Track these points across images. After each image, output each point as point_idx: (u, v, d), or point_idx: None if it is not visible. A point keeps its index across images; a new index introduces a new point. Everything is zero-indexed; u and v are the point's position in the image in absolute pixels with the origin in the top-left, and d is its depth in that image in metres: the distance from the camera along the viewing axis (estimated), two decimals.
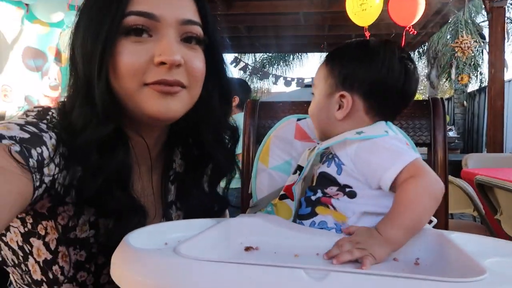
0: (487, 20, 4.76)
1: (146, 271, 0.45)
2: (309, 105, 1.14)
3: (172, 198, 0.82)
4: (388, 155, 0.71)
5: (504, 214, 2.11)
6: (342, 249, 0.60)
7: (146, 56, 0.63)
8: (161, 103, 0.64)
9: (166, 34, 0.63)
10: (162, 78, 0.63)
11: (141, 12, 0.62)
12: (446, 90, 15.62)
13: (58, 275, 0.68)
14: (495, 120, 4.56)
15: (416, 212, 0.66)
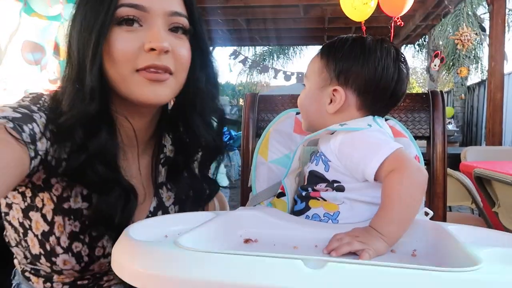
0: (488, 12, 4.74)
1: (147, 262, 0.46)
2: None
3: (163, 179, 0.88)
4: (368, 148, 0.72)
5: (501, 206, 2.12)
6: (342, 242, 0.61)
7: (137, 43, 0.69)
8: (150, 89, 0.71)
9: (155, 24, 0.69)
10: (153, 63, 0.69)
11: (132, 4, 0.68)
12: (446, 83, 15.59)
13: (55, 245, 0.74)
14: (494, 113, 4.56)
15: (405, 204, 0.66)
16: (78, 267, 0.77)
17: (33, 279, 0.81)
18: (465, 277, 0.40)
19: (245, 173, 1.12)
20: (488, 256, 0.47)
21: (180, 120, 0.85)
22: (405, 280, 0.40)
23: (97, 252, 0.78)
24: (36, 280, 0.81)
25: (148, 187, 0.86)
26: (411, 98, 1.13)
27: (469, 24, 8.12)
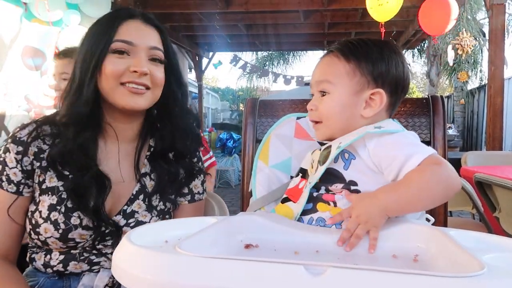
0: (487, 17, 4.75)
1: (147, 267, 0.45)
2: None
3: (147, 170, 1.07)
4: (410, 147, 0.74)
5: (502, 211, 2.11)
6: (349, 232, 0.66)
7: (125, 66, 0.95)
8: (131, 99, 0.97)
9: (139, 54, 0.97)
10: (133, 80, 0.96)
11: (124, 40, 0.96)
12: (446, 88, 15.61)
13: (38, 218, 0.96)
14: (495, 118, 4.55)
15: (422, 193, 0.68)
16: (57, 234, 0.95)
17: (36, 258, 1.00)
18: (468, 282, 0.40)
19: (246, 178, 1.12)
20: (491, 261, 0.47)
21: (162, 121, 1.08)
22: (407, 285, 0.39)
23: (73, 221, 0.95)
24: (38, 257, 1.00)
25: (132, 174, 1.06)
26: (411, 103, 1.13)
27: (469, 29, 8.15)
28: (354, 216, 0.68)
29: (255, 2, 6.21)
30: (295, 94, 9.54)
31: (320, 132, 0.87)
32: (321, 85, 0.85)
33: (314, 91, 0.87)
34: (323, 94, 0.84)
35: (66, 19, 3.44)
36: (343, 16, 6.97)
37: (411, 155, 0.71)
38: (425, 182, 0.68)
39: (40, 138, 0.98)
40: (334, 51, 0.86)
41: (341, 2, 6.04)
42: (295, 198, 0.85)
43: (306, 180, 0.87)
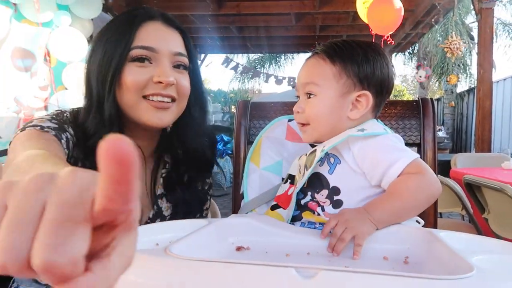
0: (476, 21, 4.82)
1: (138, 271, 0.45)
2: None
3: (162, 191, 0.98)
4: (393, 151, 0.75)
5: (491, 213, 2.13)
6: (336, 236, 0.66)
7: (147, 76, 0.84)
8: (156, 115, 0.85)
9: (162, 62, 0.85)
10: (159, 92, 0.84)
11: (144, 46, 0.84)
12: (436, 91, 15.77)
13: None
14: (484, 120, 4.61)
15: (408, 204, 0.70)
16: None
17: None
18: (458, 284, 0.40)
19: (237, 180, 1.12)
20: (481, 263, 0.47)
21: (178, 140, 0.96)
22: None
23: None
24: None
25: (146, 198, 0.96)
26: (402, 106, 1.14)
27: (458, 33, 8.24)
28: (341, 220, 0.68)
29: (247, 5, 6.22)
30: (287, 96, 9.56)
31: (307, 134, 0.86)
32: (307, 87, 0.84)
33: (300, 93, 0.86)
34: (309, 96, 0.84)
35: (56, 20, 3.41)
36: (335, 19, 7.01)
37: (395, 160, 0.72)
38: (411, 194, 0.70)
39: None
40: (320, 53, 0.85)
41: (333, 5, 6.07)
42: (284, 204, 0.85)
43: (294, 186, 0.87)
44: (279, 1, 6.11)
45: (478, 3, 4.59)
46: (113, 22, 0.90)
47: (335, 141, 0.78)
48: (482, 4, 4.55)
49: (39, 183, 0.27)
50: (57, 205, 0.25)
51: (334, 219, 0.69)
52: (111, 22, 0.90)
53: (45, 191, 0.26)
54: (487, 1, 4.53)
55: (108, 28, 0.89)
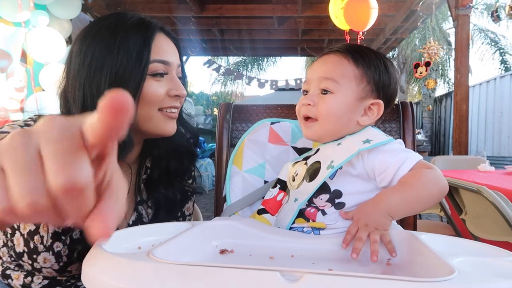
0: (453, 27, 4.94)
1: (120, 275, 0.44)
2: (283, 109, 1.16)
3: (145, 197, 0.97)
4: (400, 153, 0.76)
5: (468, 214, 2.18)
6: (362, 241, 0.65)
7: (164, 90, 0.86)
8: (170, 125, 0.89)
9: (174, 74, 0.88)
10: (174, 105, 0.88)
11: (162, 61, 0.85)
12: (415, 95, 16.10)
13: (38, 244, 0.83)
14: (461, 123, 4.73)
15: (421, 194, 0.71)
16: (56, 266, 0.84)
17: (13, 276, 0.88)
18: (440, 286, 0.40)
19: (220, 183, 1.11)
20: (461, 265, 0.48)
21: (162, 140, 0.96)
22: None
23: (75, 254, 0.85)
24: (16, 276, 0.88)
25: (129, 203, 0.95)
26: None
27: (435, 38, 8.44)
28: (362, 226, 0.67)
29: (229, 8, 6.23)
30: (270, 99, 9.59)
31: (311, 130, 0.83)
32: (325, 82, 0.80)
33: (313, 87, 0.83)
34: (325, 92, 0.81)
35: (33, 20, 3.33)
36: (317, 23, 7.09)
37: (404, 159, 0.74)
38: (423, 184, 0.71)
39: None
40: (343, 52, 0.83)
41: (315, 9, 6.14)
42: (272, 210, 0.84)
43: (285, 193, 0.86)
44: (262, 5, 6.14)
45: (455, 10, 4.72)
46: (113, 28, 0.82)
47: (344, 156, 0.75)
48: (458, 11, 4.67)
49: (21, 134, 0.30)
50: (51, 141, 0.29)
51: (354, 226, 0.68)
52: (110, 28, 0.83)
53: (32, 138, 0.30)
54: (464, 8, 4.66)
55: (110, 35, 0.81)
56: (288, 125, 1.05)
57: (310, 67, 0.88)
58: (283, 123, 1.06)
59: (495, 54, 12.41)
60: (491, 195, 1.81)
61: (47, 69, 3.35)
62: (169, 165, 0.98)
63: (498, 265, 0.51)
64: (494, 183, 2.19)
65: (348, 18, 3.89)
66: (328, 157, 0.78)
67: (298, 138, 1.03)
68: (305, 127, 0.85)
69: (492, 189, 1.85)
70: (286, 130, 1.04)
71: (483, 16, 12.35)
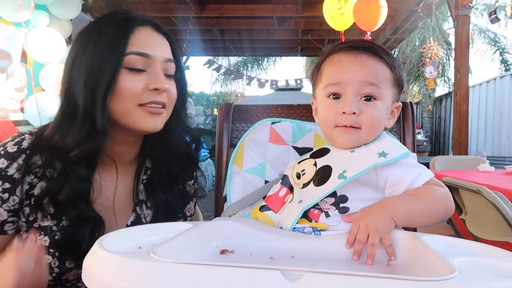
0: (453, 27, 4.94)
1: (120, 274, 0.44)
2: (283, 109, 1.16)
3: (143, 198, 0.97)
4: (415, 168, 0.76)
5: (468, 214, 2.18)
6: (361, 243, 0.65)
7: (143, 84, 0.82)
8: (151, 120, 0.85)
9: (156, 69, 0.84)
10: (155, 100, 0.84)
11: (140, 53, 0.82)
12: (415, 95, 16.10)
13: None
14: (461, 123, 4.73)
15: (429, 209, 0.72)
16: (50, 277, 0.84)
17: None
18: (440, 286, 0.41)
19: (220, 183, 1.11)
20: (461, 265, 0.48)
21: (162, 143, 0.95)
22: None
23: (68, 264, 0.85)
24: None
25: (128, 204, 0.96)
26: None
27: (435, 39, 8.44)
28: (362, 226, 0.67)
29: (229, 8, 6.22)
30: (270, 99, 9.59)
31: (354, 138, 0.77)
32: (369, 88, 0.76)
33: (351, 91, 0.77)
34: (368, 98, 0.76)
35: (33, 20, 3.33)
36: (317, 23, 7.08)
37: (417, 175, 0.74)
38: (431, 199, 0.72)
39: (31, 172, 0.83)
40: (375, 52, 0.79)
41: (315, 10, 6.13)
42: (275, 207, 0.83)
43: (288, 190, 0.85)
44: (262, 5, 6.13)
45: (455, 10, 4.72)
46: (99, 25, 0.85)
47: (358, 169, 0.73)
48: (458, 11, 4.67)
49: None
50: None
51: (355, 226, 0.68)
52: (96, 25, 0.86)
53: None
54: (464, 8, 4.66)
55: (95, 32, 0.84)
56: (288, 125, 1.05)
57: (338, 66, 0.80)
58: (283, 122, 1.06)
59: (495, 54, 12.41)
60: (491, 195, 1.82)
61: (47, 69, 3.35)
62: (169, 167, 0.97)
63: (498, 265, 0.51)
64: (494, 183, 2.19)
65: (358, 17, 3.90)
66: (340, 165, 0.76)
67: (299, 137, 1.03)
68: (345, 134, 0.78)
69: (492, 189, 1.85)
70: (286, 130, 1.04)
71: (483, 16, 12.35)
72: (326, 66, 0.83)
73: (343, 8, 3.92)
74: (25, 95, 3.33)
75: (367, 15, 3.84)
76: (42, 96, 3.30)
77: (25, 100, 3.31)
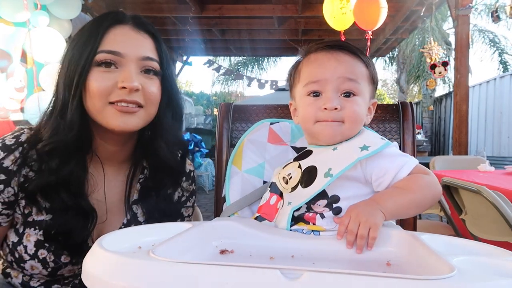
0: (453, 28, 4.94)
1: (120, 274, 0.44)
2: (283, 109, 1.16)
3: (136, 197, 0.97)
4: (398, 157, 0.77)
5: (468, 214, 2.18)
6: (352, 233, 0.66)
7: (112, 82, 0.83)
8: (121, 120, 0.84)
9: (128, 67, 0.84)
10: (123, 98, 0.83)
11: (110, 51, 0.83)
12: (415, 95, 16.09)
13: (22, 253, 0.85)
14: (460, 123, 4.73)
15: (416, 199, 0.72)
16: (45, 272, 0.86)
17: (13, 275, 0.90)
18: (440, 284, 0.41)
19: (220, 183, 1.11)
20: (460, 264, 0.48)
21: (151, 146, 0.95)
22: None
23: (63, 259, 0.86)
24: (16, 274, 0.90)
25: (122, 204, 0.96)
26: (382, 109, 1.16)
27: (435, 39, 8.44)
28: (353, 216, 0.68)
29: (230, 8, 6.22)
30: (270, 99, 9.58)
31: (337, 131, 0.79)
32: (348, 84, 0.78)
33: (331, 88, 0.78)
34: (348, 94, 0.78)
35: (33, 20, 3.33)
36: (317, 23, 7.09)
37: (402, 164, 0.75)
38: (419, 189, 0.73)
39: (27, 165, 0.84)
40: (351, 50, 0.81)
41: (315, 10, 6.13)
42: (269, 216, 0.82)
43: (279, 196, 0.84)
44: (262, 5, 6.13)
45: (455, 10, 4.72)
46: (84, 26, 0.89)
47: (342, 165, 0.74)
48: (458, 11, 4.67)
49: None
50: None
51: (346, 217, 0.69)
52: (84, 26, 0.89)
53: None
54: (463, 9, 4.66)
55: (80, 31, 0.88)
56: (287, 125, 1.05)
57: (316, 64, 0.81)
58: (282, 123, 1.06)
59: (495, 54, 12.41)
60: (491, 195, 1.82)
61: (47, 69, 3.35)
62: (163, 177, 0.97)
63: (498, 264, 0.51)
64: (494, 183, 2.19)
65: (358, 16, 3.91)
66: (324, 163, 0.77)
67: (298, 138, 1.03)
68: (329, 128, 0.79)
69: (492, 189, 1.85)
70: (285, 130, 1.04)
71: (482, 17, 12.35)
72: (304, 65, 0.85)
73: (344, 7, 3.91)
74: (25, 95, 3.33)
75: (368, 14, 3.85)
76: (42, 96, 3.31)
77: (25, 100, 3.32)
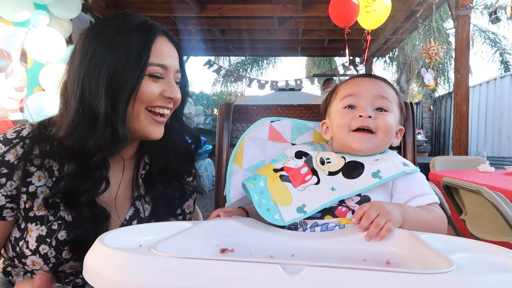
0: (454, 27, 4.94)
1: (122, 269, 0.44)
2: (283, 109, 1.16)
3: (142, 192, 0.98)
4: (426, 186, 0.85)
5: (468, 214, 2.18)
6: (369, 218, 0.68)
7: (159, 90, 0.87)
8: (156, 130, 0.90)
9: (171, 78, 0.90)
10: (164, 105, 0.89)
11: (160, 64, 0.87)
12: (415, 95, 16.10)
13: (24, 249, 0.86)
14: (461, 124, 4.72)
15: (432, 222, 0.78)
16: (46, 268, 0.86)
17: (13, 273, 0.91)
18: (439, 278, 0.41)
19: (220, 183, 1.11)
20: (459, 260, 0.48)
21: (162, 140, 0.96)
22: (380, 282, 0.40)
23: (65, 255, 0.86)
24: (16, 273, 0.91)
25: (127, 198, 0.97)
26: None
27: (436, 39, 8.45)
28: (375, 205, 0.71)
29: (230, 8, 6.22)
30: (270, 99, 9.58)
31: (368, 142, 0.86)
32: (381, 100, 0.88)
33: (365, 103, 0.87)
34: (381, 110, 0.88)
35: (33, 20, 3.33)
36: (317, 23, 7.09)
37: (427, 193, 0.82)
38: (436, 216, 0.80)
39: (29, 160, 0.85)
40: (382, 79, 0.94)
41: (315, 10, 6.14)
42: (295, 182, 0.84)
43: (310, 171, 0.85)
44: (262, 5, 6.13)
45: (455, 10, 4.71)
46: (117, 29, 0.86)
47: (391, 172, 0.81)
48: (459, 11, 4.67)
49: None
50: None
51: (368, 204, 0.72)
52: (113, 28, 0.86)
53: None
54: (464, 9, 4.66)
55: (114, 37, 0.84)
56: (288, 123, 1.05)
57: (353, 84, 0.93)
58: (283, 121, 1.06)
59: (495, 54, 12.41)
60: (491, 195, 1.82)
61: (47, 69, 3.36)
62: (168, 162, 0.99)
63: (496, 261, 0.52)
64: (494, 184, 2.19)
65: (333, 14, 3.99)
66: (371, 164, 0.83)
67: (298, 135, 1.03)
68: (360, 139, 0.86)
69: (492, 190, 1.86)
70: (286, 128, 1.05)
71: (483, 17, 12.35)
72: (341, 86, 0.96)
73: (369, 6, 3.94)
74: (25, 95, 3.33)
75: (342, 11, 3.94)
76: (42, 96, 3.31)
77: (25, 100, 3.32)
